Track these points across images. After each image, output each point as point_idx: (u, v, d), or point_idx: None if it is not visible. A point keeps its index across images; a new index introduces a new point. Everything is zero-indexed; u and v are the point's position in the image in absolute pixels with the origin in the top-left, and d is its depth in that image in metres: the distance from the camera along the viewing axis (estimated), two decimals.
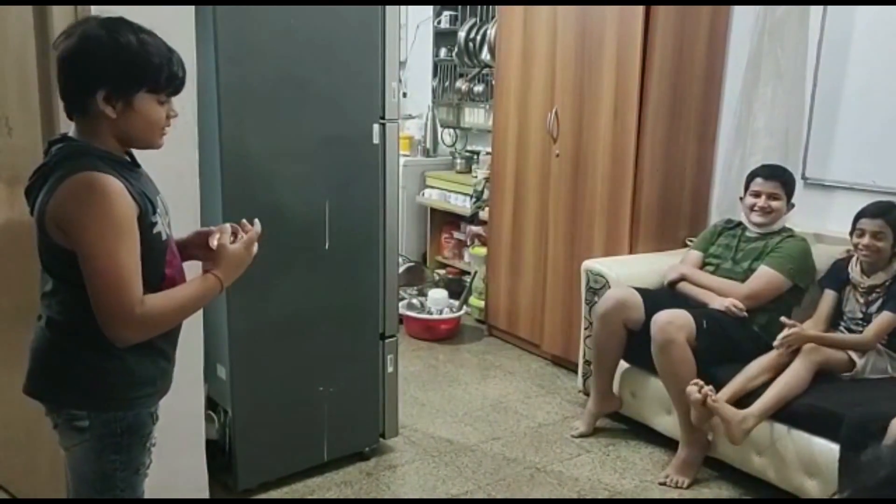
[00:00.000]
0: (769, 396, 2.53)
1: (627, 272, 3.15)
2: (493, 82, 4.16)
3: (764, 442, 2.56)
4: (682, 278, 3.03)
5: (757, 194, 2.98)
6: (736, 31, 3.45)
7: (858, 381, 2.59)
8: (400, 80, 2.79)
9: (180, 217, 1.77)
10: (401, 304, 4.23)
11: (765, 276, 2.86)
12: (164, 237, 1.52)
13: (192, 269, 1.66)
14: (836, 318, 2.83)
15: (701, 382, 2.56)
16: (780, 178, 2.96)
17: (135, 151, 1.54)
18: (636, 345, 2.95)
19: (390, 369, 2.85)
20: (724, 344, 2.72)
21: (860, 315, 2.75)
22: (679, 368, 2.68)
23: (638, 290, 2.99)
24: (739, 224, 3.08)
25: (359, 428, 2.82)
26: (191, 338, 2.09)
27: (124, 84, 1.42)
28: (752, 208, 2.99)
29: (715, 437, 2.72)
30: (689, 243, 3.42)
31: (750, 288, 2.86)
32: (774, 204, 2.94)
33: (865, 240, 2.68)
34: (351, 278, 2.69)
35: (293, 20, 2.40)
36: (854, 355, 2.63)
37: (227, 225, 1.62)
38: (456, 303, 4.33)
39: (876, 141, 3.04)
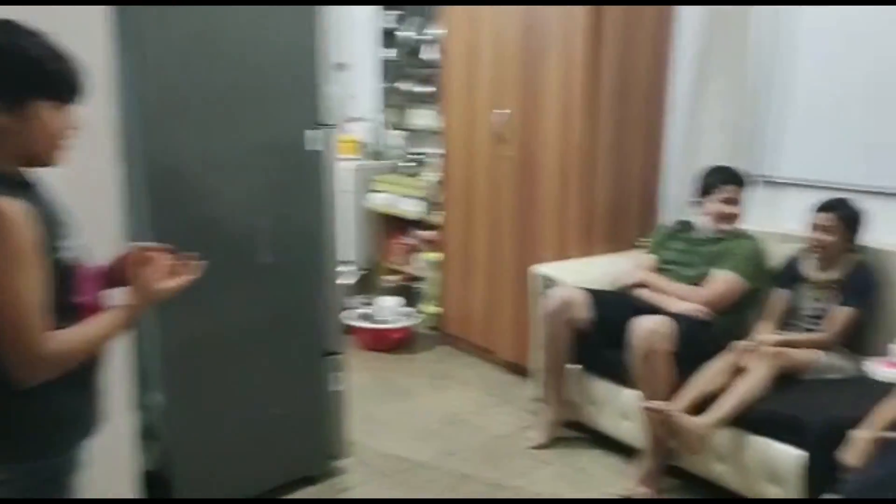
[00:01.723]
0: (730, 402, 2.46)
1: (578, 275, 3.07)
2: (440, 83, 4.05)
3: (725, 449, 2.49)
4: (641, 284, 2.95)
5: (727, 201, 2.91)
6: (682, 28, 3.40)
7: (818, 382, 2.55)
8: (334, 84, 2.65)
9: (100, 237, 1.61)
10: (350, 313, 4.10)
11: (724, 279, 2.81)
12: (70, 262, 1.36)
13: None
14: (789, 317, 2.79)
15: (660, 404, 2.49)
16: (741, 182, 2.94)
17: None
18: (587, 347, 2.89)
19: (337, 387, 2.71)
20: (693, 348, 2.65)
21: (816, 312, 2.71)
22: (659, 379, 2.60)
23: (586, 290, 2.91)
24: (689, 225, 3.02)
25: (306, 451, 2.68)
26: (119, 362, 1.94)
27: (13, 92, 1.26)
28: (719, 215, 2.92)
29: (676, 446, 2.65)
30: (639, 245, 3.35)
31: (711, 292, 2.80)
32: (736, 210, 2.92)
33: (817, 234, 2.66)
34: (291, 293, 2.55)
35: (218, 21, 2.25)
36: (817, 354, 2.59)
37: (146, 246, 1.48)
38: (408, 310, 4.20)
39: (827, 137, 3.00)
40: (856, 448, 1.99)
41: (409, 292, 4.48)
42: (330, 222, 2.62)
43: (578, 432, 3.06)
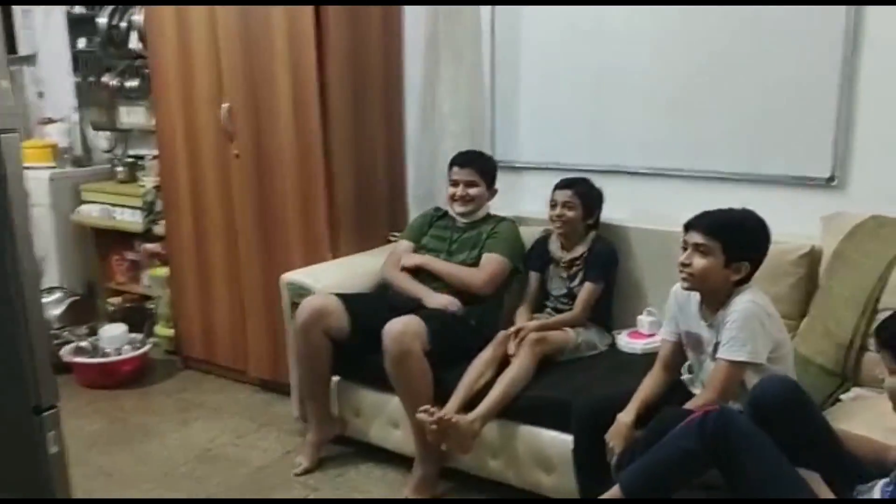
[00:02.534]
0: (494, 395, 2.41)
1: (332, 279, 2.86)
2: (150, 76, 3.56)
3: (496, 443, 2.44)
4: (418, 267, 2.81)
5: (455, 183, 2.87)
6: (410, 12, 3.30)
7: (575, 361, 2.59)
8: (16, 79, 2.14)
9: None
10: (66, 348, 3.51)
11: (494, 260, 2.76)
12: None
13: None
14: (542, 299, 2.82)
15: (431, 409, 2.36)
16: (475, 165, 2.87)
17: None
18: (347, 356, 2.69)
19: (54, 449, 2.22)
20: (452, 345, 2.56)
21: (565, 291, 2.76)
22: (417, 381, 2.46)
23: (341, 295, 2.71)
24: (448, 214, 2.95)
25: None
26: None
27: None
28: (452, 198, 2.87)
29: (448, 447, 2.55)
30: (392, 239, 3.22)
31: (488, 273, 2.73)
32: (473, 191, 2.85)
33: (557, 210, 2.70)
34: None
35: None
36: (570, 333, 2.63)
37: None
38: (139, 337, 3.69)
39: (557, 120, 3.07)
40: (618, 432, 2.02)
41: (139, 315, 3.95)
42: (24, 247, 2.11)
43: (347, 447, 2.86)
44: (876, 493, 1.48)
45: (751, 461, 1.56)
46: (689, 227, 2.01)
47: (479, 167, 2.87)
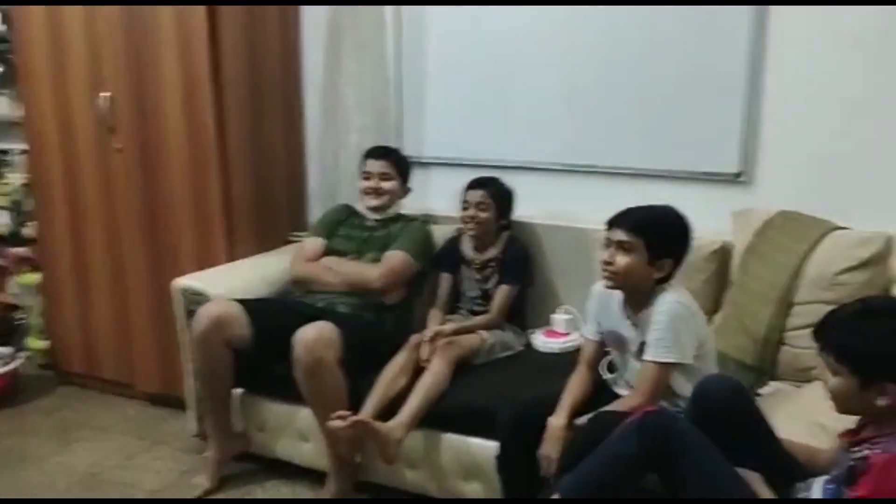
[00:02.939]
0: (414, 402, 2.29)
1: (229, 284, 2.65)
2: (15, 61, 3.21)
3: (416, 453, 2.33)
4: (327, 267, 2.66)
5: (368, 176, 2.74)
6: (309, 10, 3.14)
7: (492, 363, 2.52)
8: None
9: None
10: None
11: (395, 256, 2.63)
12: None
13: None
14: (455, 301, 2.73)
15: (345, 413, 2.22)
16: (390, 157, 2.76)
17: None
18: (250, 366, 2.50)
19: None
20: (366, 352, 2.42)
21: (479, 293, 2.69)
22: (330, 391, 2.31)
23: (243, 301, 2.52)
24: (354, 210, 2.80)
25: None
26: None
27: None
28: (364, 192, 2.74)
29: (364, 460, 2.42)
30: (294, 240, 3.05)
31: (386, 267, 2.60)
32: (386, 185, 2.73)
33: (470, 211, 2.62)
34: None
35: None
36: (484, 335, 2.55)
37: None
38: (8, 351, 3.32)
39: (465, 115, 2.98)
40: (553, 436, 1.95)
41: (6, 326, 3.57)
42: None
43: (252, 464, 2.66)
44: (816, 492, 1.47)
45: (691, 462, 1.53)
46: (611, 224, 1.97)
47: (395, 160, 2.77)
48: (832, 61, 2.38)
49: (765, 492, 1.51)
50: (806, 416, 1.82)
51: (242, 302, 2.50)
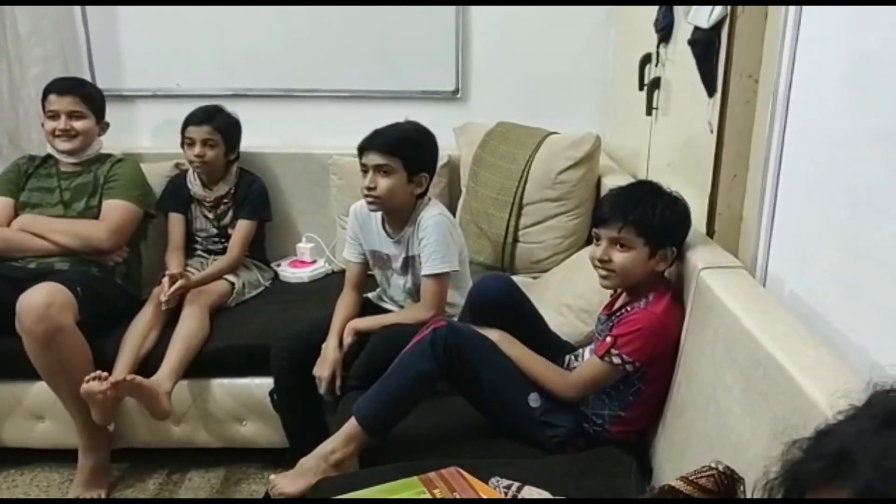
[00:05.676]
0: (174, 353, 2.13)
1: None
2: None
3: (185, 405, 2.18)
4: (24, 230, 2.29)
5: (54, 115, 2.36)
6: None
7: (245, 304, 2.44)
8: None
9: None
10: None
11: (118, 207, 2.35)
12: None
13: None
14: (191, 241, 2.56)
15: (102, 373, 1.98)
16: (76, 92, 2.38)
17: None
18: None
19: None
20: (105, 309, 2.19)
21: (215, 231, 2.56)
22: (74, 359, 2.04)
23: None
24: (49, 158, 2.43)
25: None
26: None
27: None
28: (53, 133, 2.37)
29: (117, 427, 2.20)
30: None
31: (113, 222, 2.32)
32: (78, 125, 2.36)
33: (197, 149, 2.44)
34: None
35: None
36: (231, 278, 2.44)
37: None
38: None
39: (169, 40, 2.73)
40: (326, 360, 1.97)
41: None
42: None
43: None
44: (587, 355, 1.69)
45: (482, 367, 1.63)
46: (364, 149, 1.97)
47: (83, 94, 2.39)
48: None
49: (509, 344, 1.68)
50: (553, 299, 2.07)
51: None
